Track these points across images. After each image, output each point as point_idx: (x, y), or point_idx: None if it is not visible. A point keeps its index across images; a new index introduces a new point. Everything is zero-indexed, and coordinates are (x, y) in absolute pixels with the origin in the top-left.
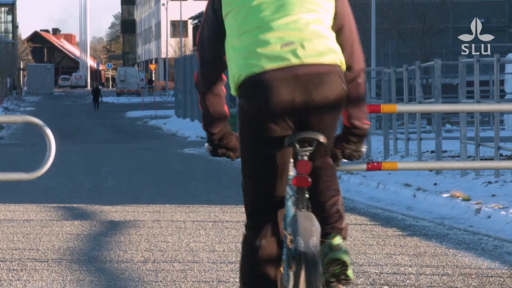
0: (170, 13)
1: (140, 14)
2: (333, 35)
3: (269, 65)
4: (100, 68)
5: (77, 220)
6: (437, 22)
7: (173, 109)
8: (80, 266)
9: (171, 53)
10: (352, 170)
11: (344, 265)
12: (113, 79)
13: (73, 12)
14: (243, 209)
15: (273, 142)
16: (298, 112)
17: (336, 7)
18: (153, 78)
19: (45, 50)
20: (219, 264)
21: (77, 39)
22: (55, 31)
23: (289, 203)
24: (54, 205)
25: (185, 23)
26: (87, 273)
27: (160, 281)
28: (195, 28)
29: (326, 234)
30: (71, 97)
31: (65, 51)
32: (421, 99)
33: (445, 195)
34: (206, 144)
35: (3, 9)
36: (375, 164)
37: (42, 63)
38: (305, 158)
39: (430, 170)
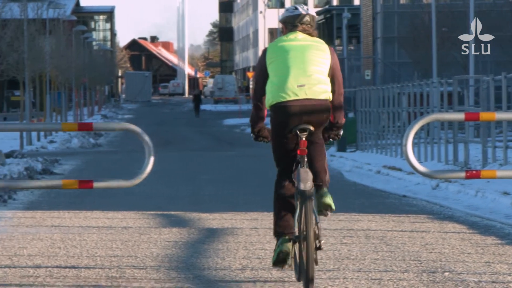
0: (267, 20)
1: (237, 22)
2: (328, 79)
3: (289, 98)
4: (198, 75)
5: (175, 228)
6: None
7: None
8: (178, 274)
9: None
10: (450, 178)
11: (327, 201)
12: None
13: (171, 20)
14: (341, 217)
15: (286, 135)
16: (303, 123)
17: (331, 63)
18: (251, 86)
19: (143, 57)
20: (317, 272)
21: (175, 46)
22: (153, 39)
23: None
24: (152, 212)
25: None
26: (185, 281)
27: None
28: None
29: (318, 186)
30: (169, 105)
31: (163, 58)
32: None
33: None
34: (251, 134)
35: (101, 17)
36: (474, 172)
37: (140, 70)
38: (303, 138)
39: None
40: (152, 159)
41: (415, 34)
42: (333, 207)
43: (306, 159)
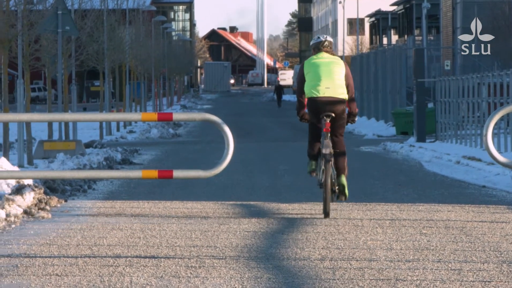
0: (346, 10)
1: (316, 12)
2: (344, 83)
3: (318, 94)
4: (277, 66)
5: (254, 218)
6: None
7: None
8: (257, 264)
9: (347, 51)
10: None
11: (343, 187)
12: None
13: (250, 10)
14: (420, 208)
15: (318, 118)
16: (327, 111)
17: (345, 73)
18: None
19: (222, 48)
20: (397, 262)
21: (254, 37)
22: (232, 29)
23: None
24: (231, 202)
25: (361, 21)
26: (265, 271)
27: (338, 279)
28: (372, 26)
29: (338, 175)
30: (248, 95)
31: (242, 49)
32: None
33: None
34: (297, 116)
35: (181, 7)
36: None
37: (219, 61)
38: (328, 121)
39: None
40: (231, 150)
41: (495, 24)
42: (347, 192)
43: (328, 135)
